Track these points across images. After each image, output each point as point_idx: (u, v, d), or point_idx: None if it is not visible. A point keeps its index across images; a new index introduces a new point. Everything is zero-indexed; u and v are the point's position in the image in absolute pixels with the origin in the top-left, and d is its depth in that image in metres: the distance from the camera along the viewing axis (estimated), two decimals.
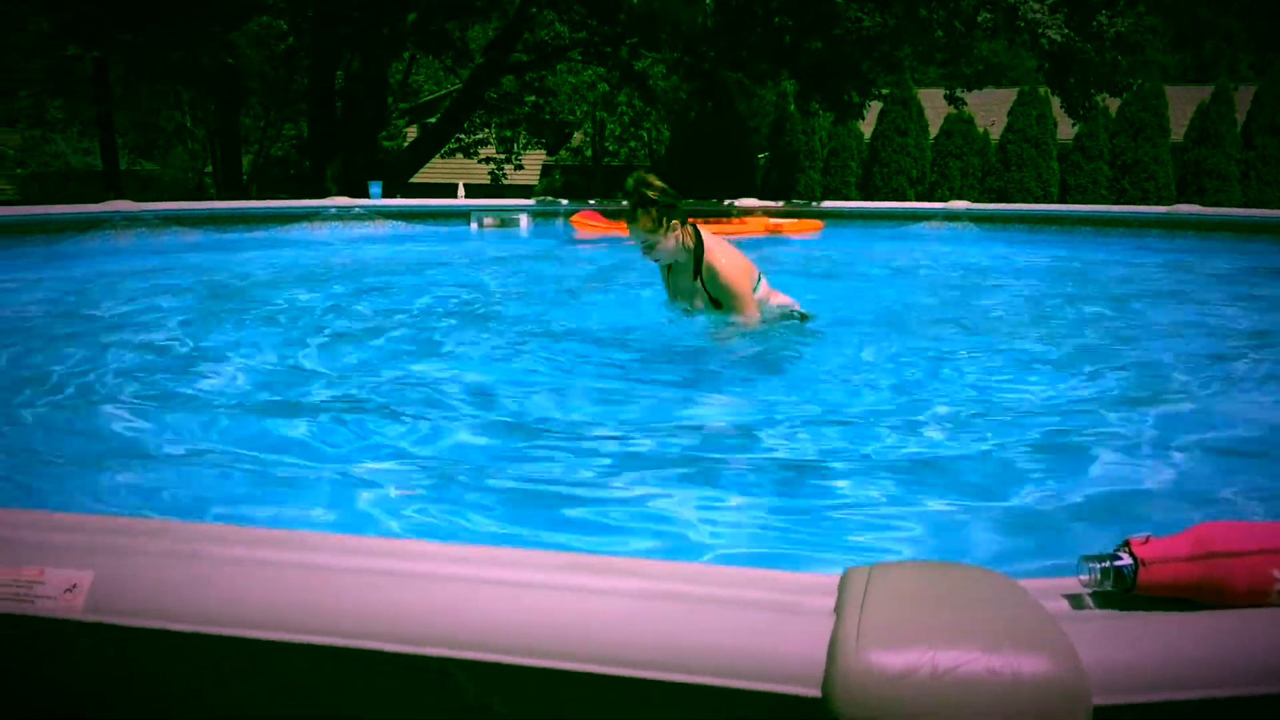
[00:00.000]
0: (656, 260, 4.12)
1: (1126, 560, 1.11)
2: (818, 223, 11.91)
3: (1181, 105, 22.32)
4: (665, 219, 3.92)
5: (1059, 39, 13.42)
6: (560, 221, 12.49)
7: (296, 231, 10.42)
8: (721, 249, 4.05)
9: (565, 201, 14.16)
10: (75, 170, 29.75)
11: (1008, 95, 23.35)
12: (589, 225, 11.64)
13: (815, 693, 1.01)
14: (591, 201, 14.46)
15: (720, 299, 4.03)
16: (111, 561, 1.21)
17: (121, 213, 8.99)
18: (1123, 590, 1.11)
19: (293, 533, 1.29)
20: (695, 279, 4.07)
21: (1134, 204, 18.66)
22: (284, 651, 1.12)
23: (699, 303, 4.11)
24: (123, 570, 1.20)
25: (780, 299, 4.25)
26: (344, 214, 10.85)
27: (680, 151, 22.96)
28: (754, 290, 4.08)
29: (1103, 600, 1.12)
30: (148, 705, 1.22)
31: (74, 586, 1.20)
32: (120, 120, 23.82)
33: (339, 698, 1.14)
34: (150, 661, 1.19)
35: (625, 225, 3.99)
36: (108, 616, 1.18)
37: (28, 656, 1.22)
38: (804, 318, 4.25)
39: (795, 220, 11.98)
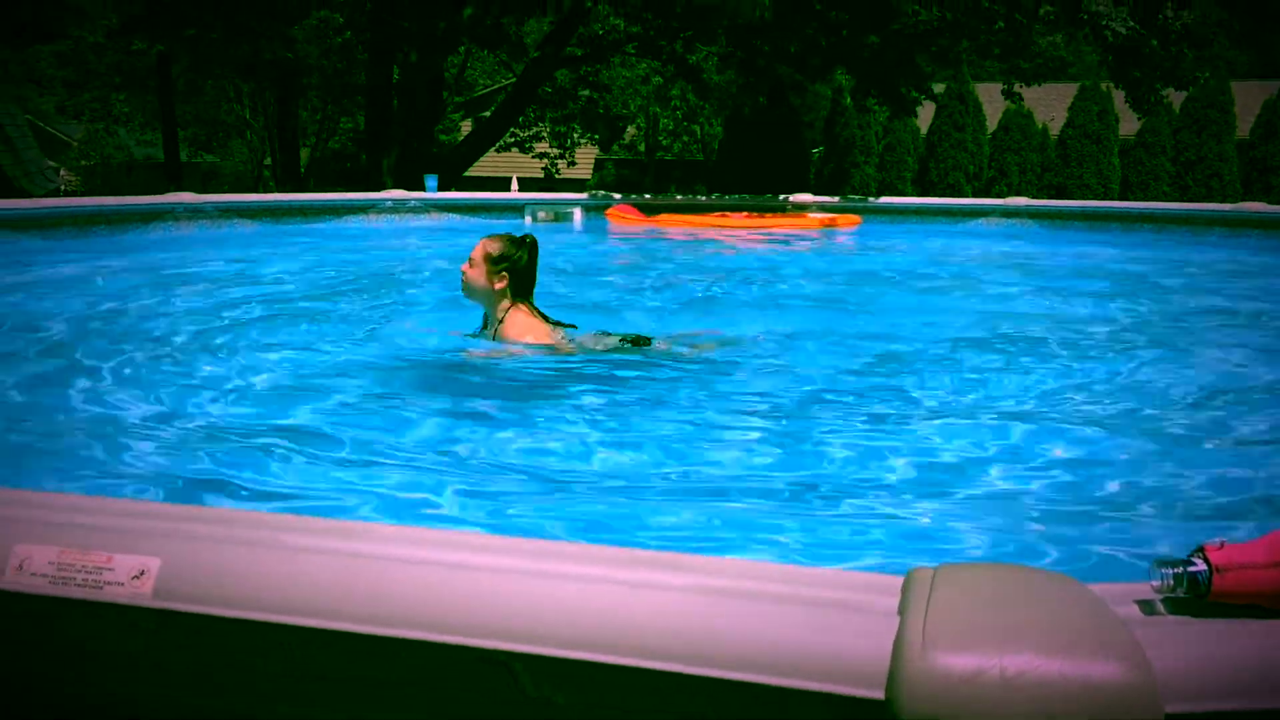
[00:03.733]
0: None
1: (1200, 566, 1.08)
2: (856, 217, 11.84)
3: (1248, 101, 21.82)
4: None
5: (1124, 31, 13.18)
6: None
7: (353, 223, 10.54)
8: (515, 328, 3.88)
9: (618, 195, 14.17)
10: (137, 162, 30.29)
11: (1068, 90, 22.97)
12: (625, 218, 11.64)
13: (879, 694, 1.00)
14: (647, 195, 14.45)
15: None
16: (180, 548, 1.22)
17: (183, 204, 9.13)
18: (1196, 596, 1.08)
19: (359, 524, 1.30)
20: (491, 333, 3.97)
21: (1198, 201, 18.27)
22: (349, 641, 1.13)
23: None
24: (190, 557, 1.21)
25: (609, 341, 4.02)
26: (400, 206, 10.94)
27: (733, 146, 22.85)
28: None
29: (1176, 606, 1.09)
30: (213, 691, 1.24)
31: (142, 572, 1.21)
32: (183, 113, 24.22)
33: (403, 689, 1.14)
34: (216, 648, 1.20)
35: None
36: (175, 603, 1.19)
37: (96, 641, 1.24)
38: (639, 341, 4.05)
39: (843, 215, 11.91)
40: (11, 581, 1.23)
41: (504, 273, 3.84)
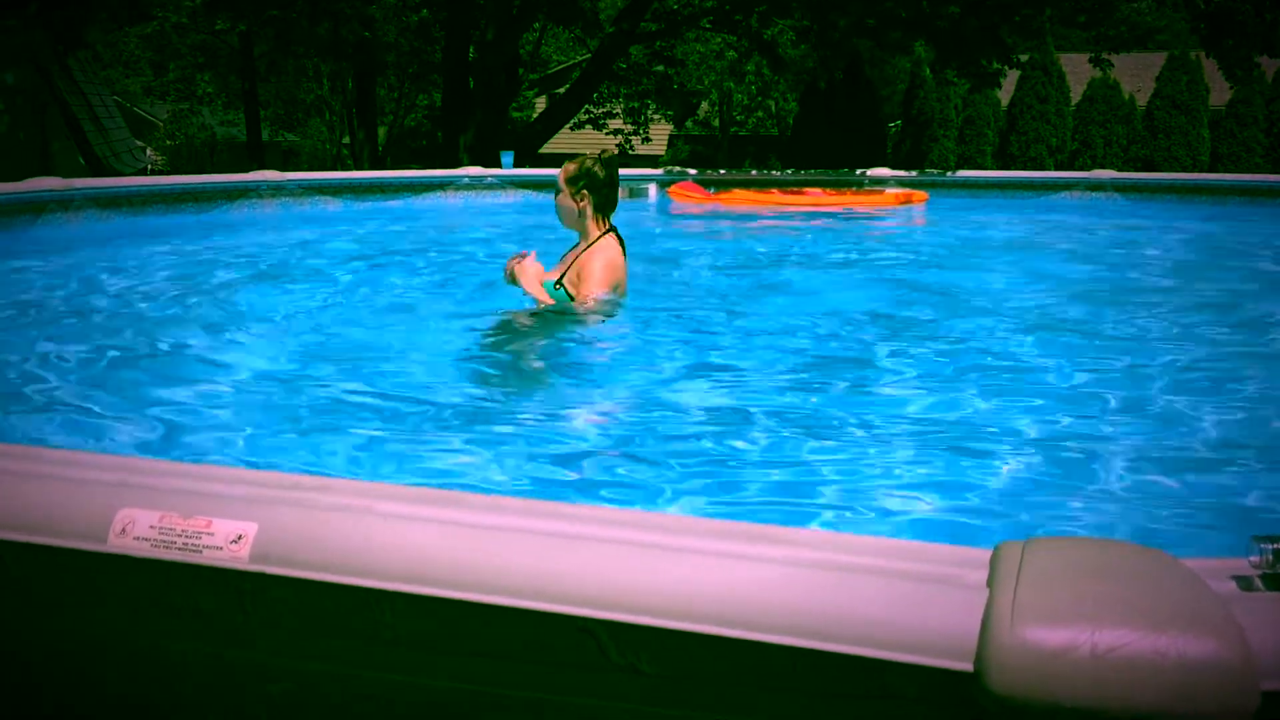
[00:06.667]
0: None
1: None
2: (923, 194, 11.53)
3: None
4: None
5: None
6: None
7: (431, 200, 10.66)
8: (602, 257, 3.97)
9: (693, 171, 14.10)
10: (219, 141, 30.90)
11: (1155, 60, 22.32)
12: (687, 196, 11.46)
13: (967, 667, 1.00)
14: (720, 171, 14.36)
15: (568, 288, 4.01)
16: (276, 514, 1.26)
17: (267, 182, 9.33)
18: None
19: (451, 492, 1.32)
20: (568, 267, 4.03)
21: None
22: (438, 606, 1.16)
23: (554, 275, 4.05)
24: (286, 523, 1.25)
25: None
26: (476, 183, 11.03)
27: (809, 121, 22.60)
28: (605, 292, 3.97)
29: (1274, 582, 1.07)
30: (305, 654, 1.27)
31: (240, 537, 1.25)
32: (263, 92, 24.64)
33: (491, 653, 1.17)
34: (310, 611, 1.24)
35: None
36: (271, 567, 1.23)
37: (193, 603, 1.28)
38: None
39: (915, 191, 11.62)
40: (115, 544, 1.28)
41: (584, 190, 4.00)
